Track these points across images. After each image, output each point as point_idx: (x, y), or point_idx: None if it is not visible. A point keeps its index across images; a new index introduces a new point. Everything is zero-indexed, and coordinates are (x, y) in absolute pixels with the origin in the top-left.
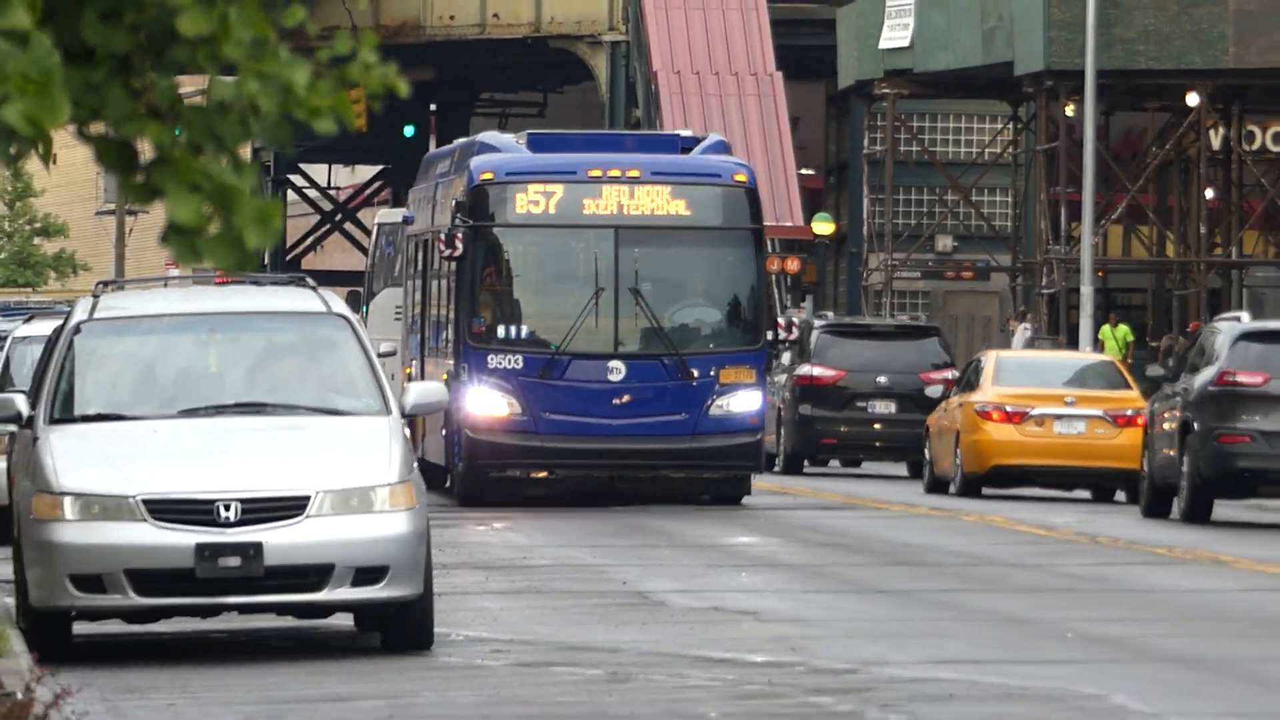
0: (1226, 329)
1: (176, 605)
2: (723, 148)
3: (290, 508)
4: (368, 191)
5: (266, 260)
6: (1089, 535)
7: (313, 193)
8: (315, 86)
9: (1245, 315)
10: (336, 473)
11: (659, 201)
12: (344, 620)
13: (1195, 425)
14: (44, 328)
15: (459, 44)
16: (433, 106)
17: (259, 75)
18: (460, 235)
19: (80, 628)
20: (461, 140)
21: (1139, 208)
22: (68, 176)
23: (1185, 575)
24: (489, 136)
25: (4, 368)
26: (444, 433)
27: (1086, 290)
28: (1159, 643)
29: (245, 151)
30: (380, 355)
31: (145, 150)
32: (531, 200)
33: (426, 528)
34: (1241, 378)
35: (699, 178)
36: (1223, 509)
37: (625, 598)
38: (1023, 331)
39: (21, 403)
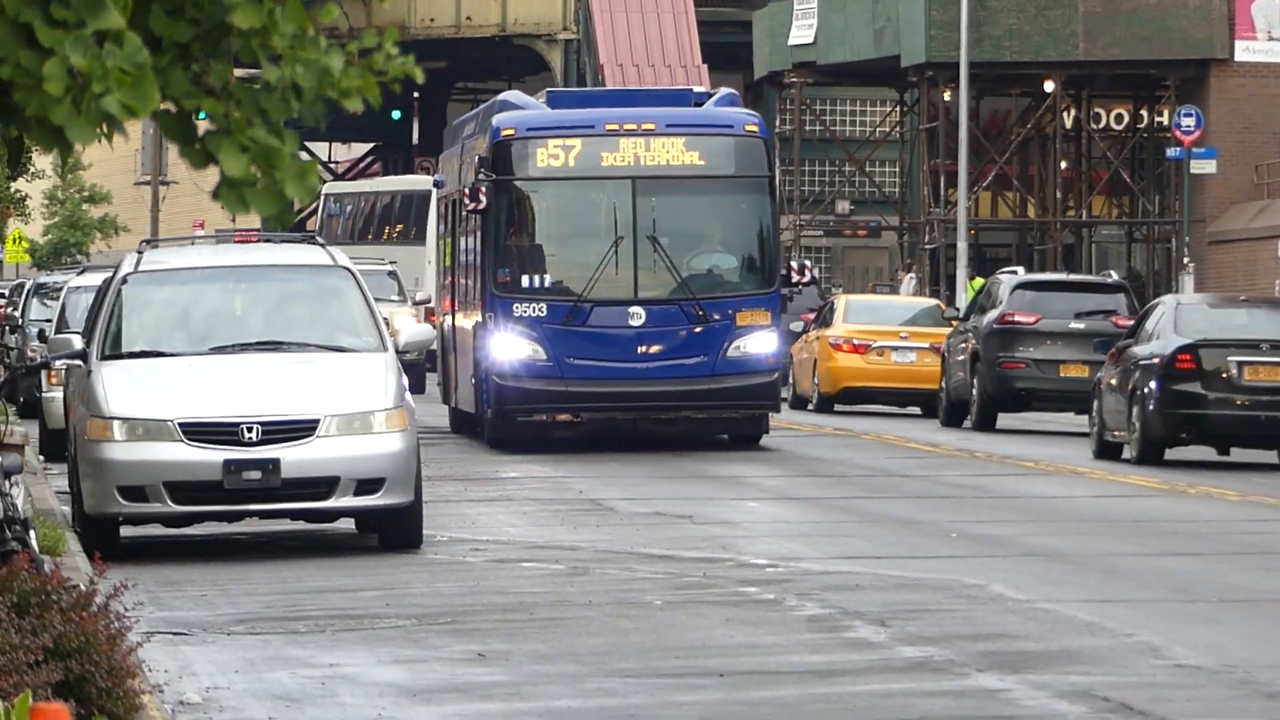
0: (1007, 280)
1: (207, 512)
2: (733, 100)
3: (303, 429)
4: (361, 165)
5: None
6: (967, 450)
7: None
8: (347, 71)
9: (1021, 269)
10: (341, 399)
11: (674, 152)
12: (347, 524)
13: (983, 354)
14: (94, 279)
15: (438, 42)
16: (416, 94)
17: (301, 61)
18: (484, 189)
19: (126, 531)
20: (486, 103)
21: (1005, 176)
22: (110, 152)
23: (1050, 484)
24: (511, 95)
25: (61, 313)
26: (473, 381)
27: (961, 246)
28: (1029, 540)
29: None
30: (417, 303)
31: (201, 125)
32: (551, 154)
33: (417, 446)
34: (1019, 317)
35: (712, 128)
36: (1004, 420)
37: (582, 504)
38: (908, 281)
39: (78, 342)
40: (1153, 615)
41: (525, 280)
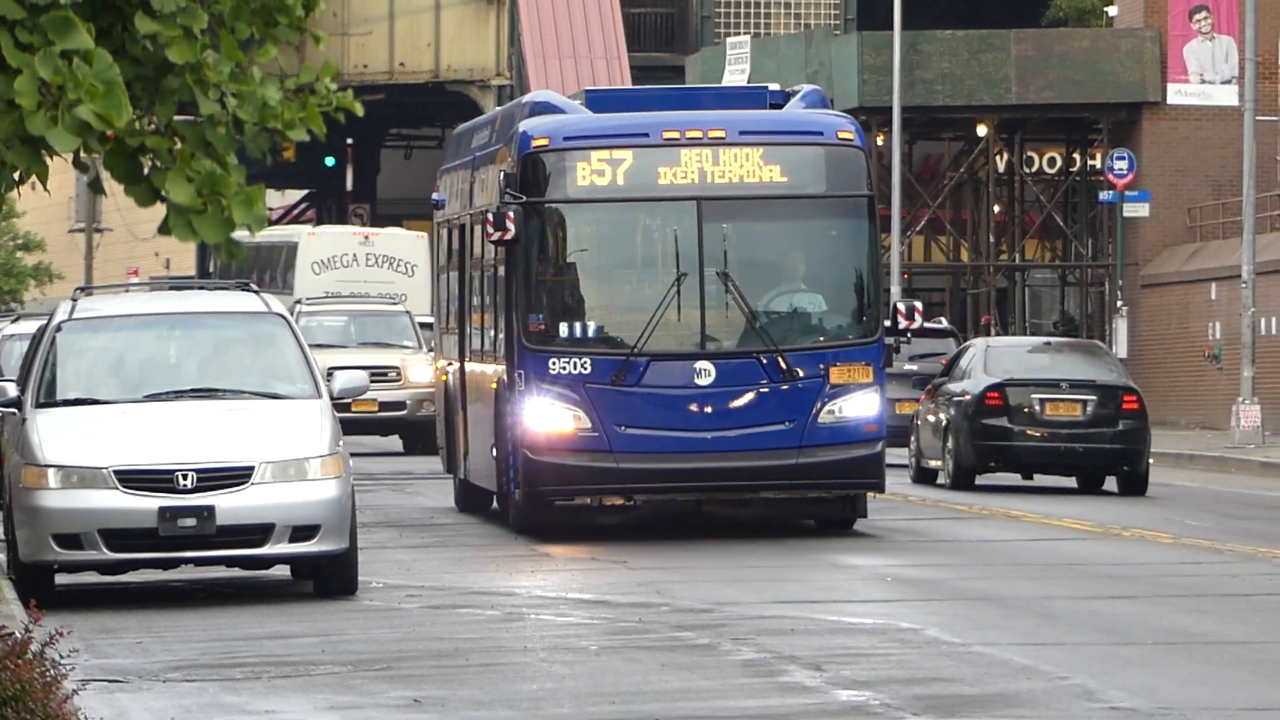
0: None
1: (142, 559)
2: (820, 100)
3: (238, 476)
4: (295, 211)
5: (212, 268)
6: (901, 495)
7: None
8: (285, 103)
9: (944, 319)
10: (276, 447)
11: (749, 166)
12: (283, 570)
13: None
14: (29, 327)
15: (372, 88)
16: (349, 140)
17: (238, 94)
18: (511, 214)
19: (61, 579)
20: (506, 105)
21: (938, 220)
22: (44, 200)
23: (985, 528)
24: (543, 95)
25: (27, 357)
26: (494, 453)
27: (895, 290)
28: (964, 584)
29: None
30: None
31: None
32: (595, 170)
33: (352, 492)
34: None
35: (797, 136)
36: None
37: (515, 549)
38: None
39: (12, 389)
40: (1087, 658)
41: (564, 329)
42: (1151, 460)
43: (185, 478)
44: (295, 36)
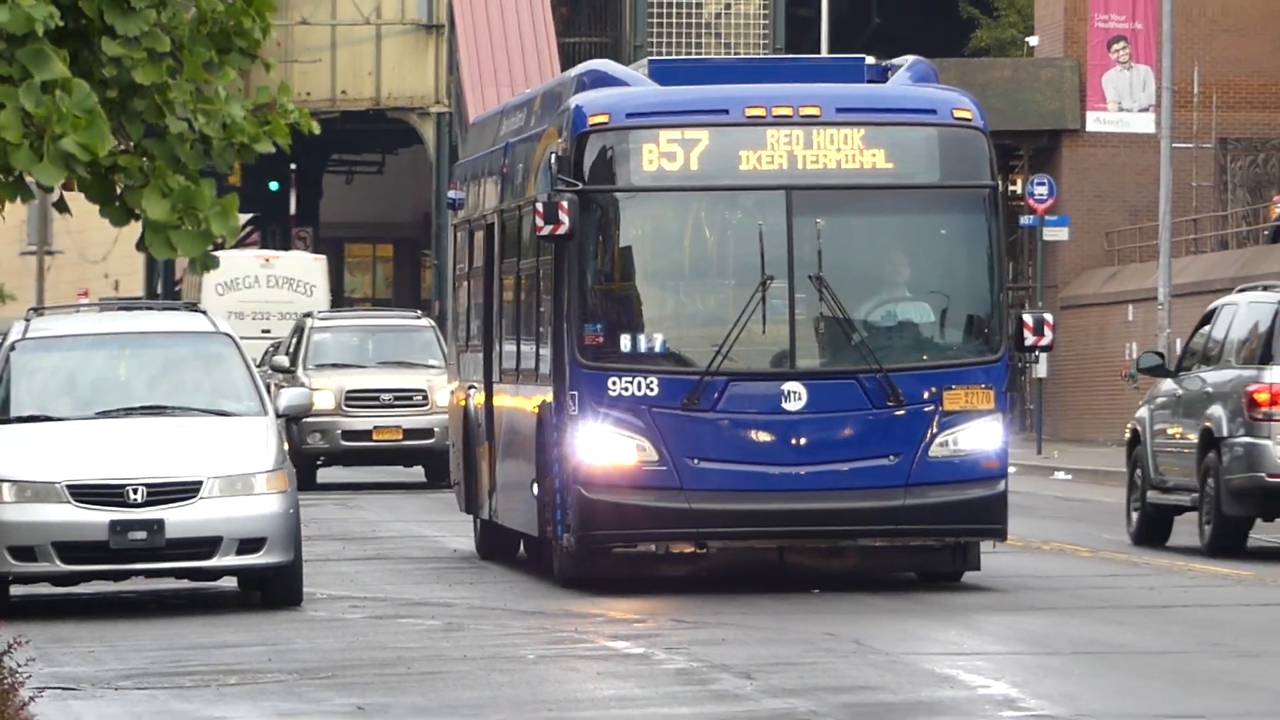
0: None
1: (94, 571)
2: (929, 73)
3: (186, 491)
4: (240, 235)
5: (160, 289)
6: None
7: None
8: (249, 119)
9: None
10: (224, 462)
11: (849, 151)
12: (230, 582)
13: None
14: None
15: (313, 115)
16: (293, 166)
17: (203, 112)
18: (564, 204)
19: (16, 590)
20: (549, 81)
21: None
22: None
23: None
24: (602, 65)
25: None
26: (535, 489)
27: None
28: (890, 595)
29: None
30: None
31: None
32: (664, 153)
33: (297, 506)
34: None
35: (905, 114)
36: None
37: (456, 562)
38: None
39: None
40: (1008, 667)
41: (626, 342)
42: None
43: (135, 492)
44: (248, 62)
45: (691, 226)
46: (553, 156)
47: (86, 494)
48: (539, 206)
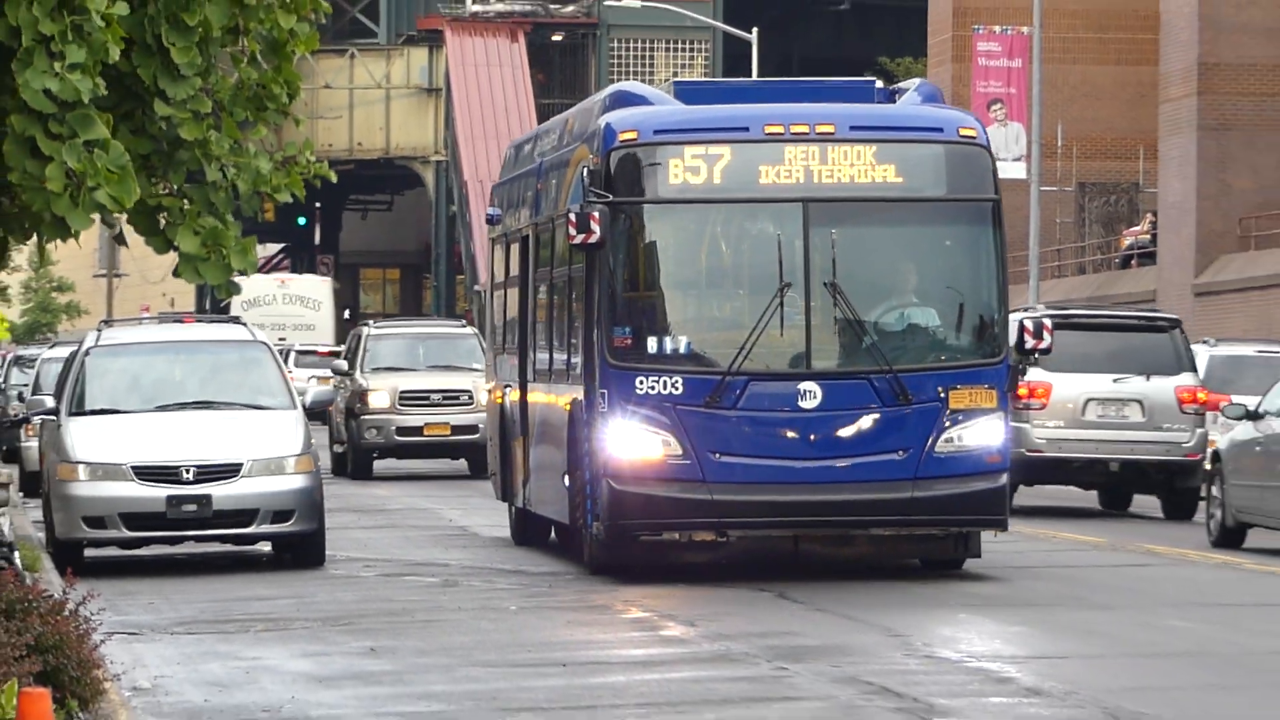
0: None
1: (153, 537)
2: (936, 95)
3: (229, 471)
4: (274, 261)
5: (208, 306)
6: None
7: None
8: (274, 172)
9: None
10: (260, 447)
11: (861, 166)
12: (265, 546)
13: None
14: (63, 352)
15: (335, 162)
16: (317, 204)
17: (237, 165)
18: (595, 215)
19: (89, 553)
20: (579, 104)
21: None
22: (74, 251)
23: None
24: (626, 85)
25: (36, 379)
26: (566, 480)
27: None
28: (813, 554)
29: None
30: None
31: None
32: (689, 167)
33: (320, 484)
34: None
35: (915, 132)
36: None
37: (452, 530)
38: None
39: (50, 402)
40: (907, 616)
41: (652, 344)
42: None
43: (188, 472)
44: (280, 119)
45: (714, 236)
46: (585, 171)
47: (147, 473)
48: (572, 217)
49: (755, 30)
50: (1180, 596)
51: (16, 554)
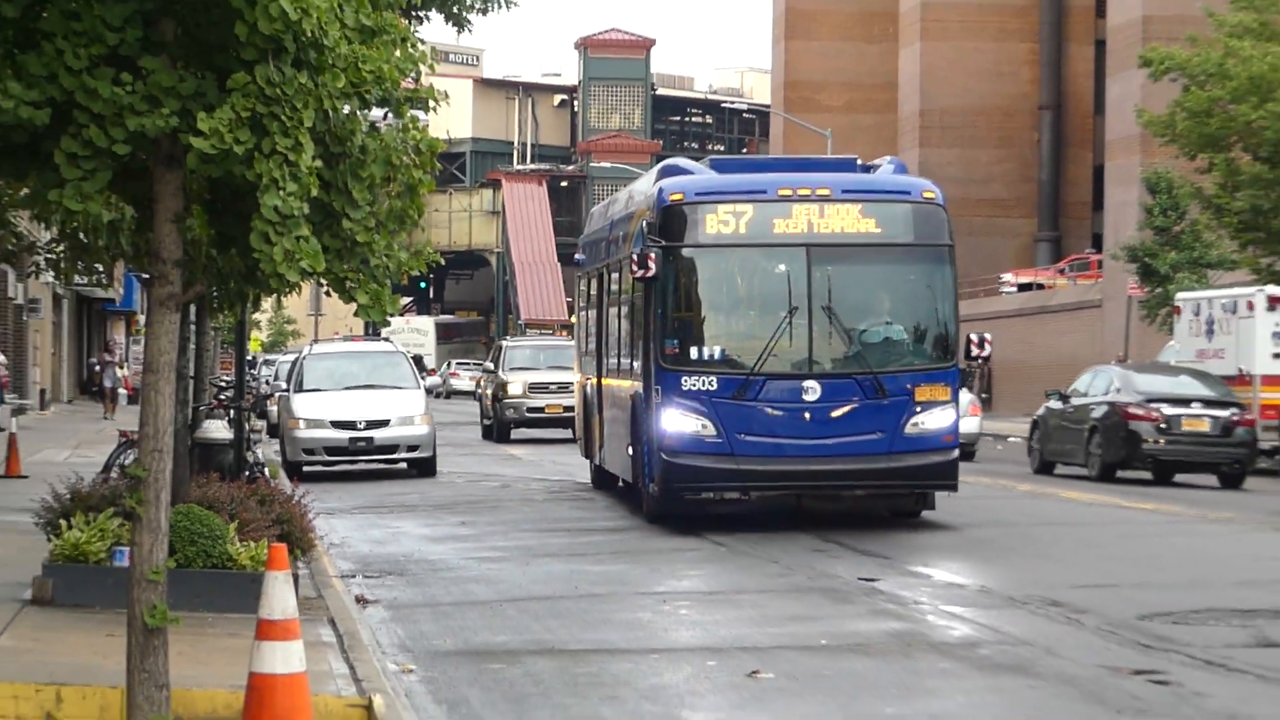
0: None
1: (341, 460)
2: (903, 168)
3: (383, 422)
4: (403, 307)
5: (369, 331)
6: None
7: None
8: (410, 258)
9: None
10: (400, 409)
11: (849, 219)
12: (403, 465)
13: None
14: (290, 357)
15: (442, 252)
16: (430, 274)
17: (388, 255)
18: (652, 255)
19: (306, 470)
20: (637, 180)
21: None
22: (295, 300)
23: None
24: (676, 161)
25: (275, 371)
26: (629, 452)
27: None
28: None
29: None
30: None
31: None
32: (722, 220)
33: (434, 430)
34: None
35: (889, 195)
36: None
37: (506, 458)
38: None
39: (284, 385)
40: (882, 544)
41: (694, 352)
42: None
43: (360, 423)
44: (414, 227)
45: (740, 271)
46: (644, 224)
47: (338, 424)
48: (634, 258)
49: None
50: (1060, 517)
51: (266, 469)
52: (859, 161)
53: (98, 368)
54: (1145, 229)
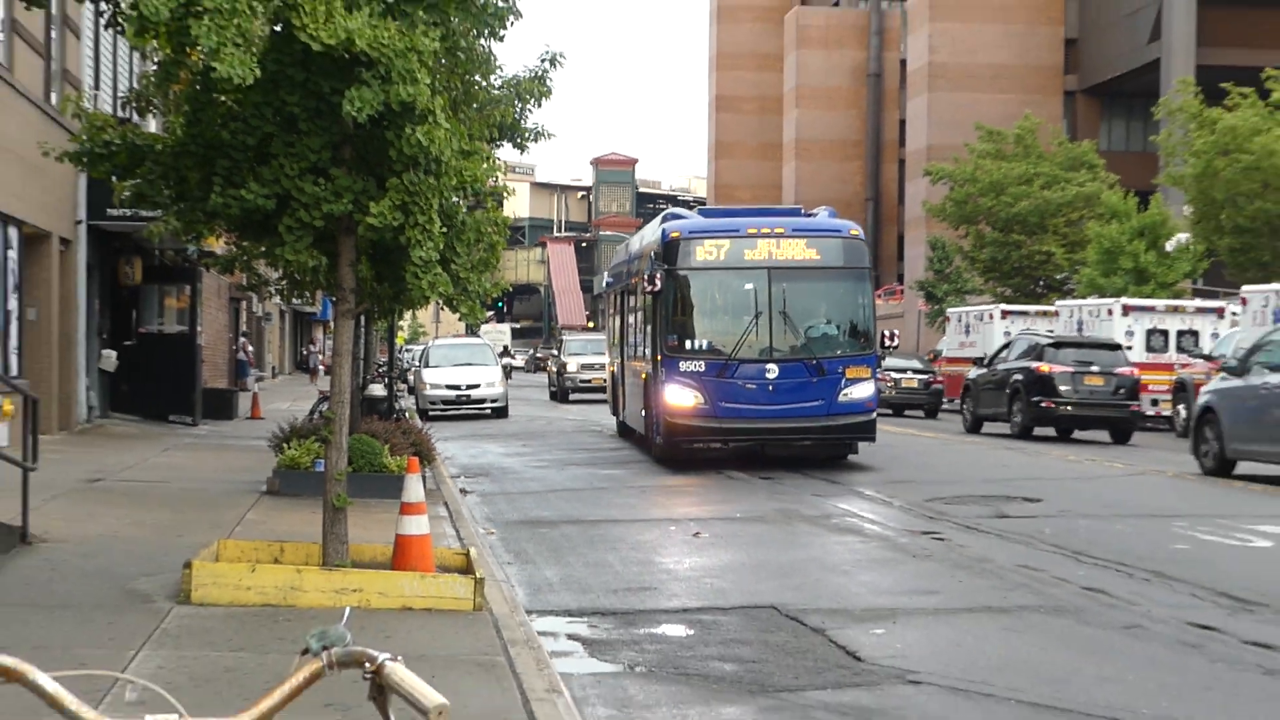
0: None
1: (452, 409)
2: (834, 212)
3: (476, 385)
4: (489, 317)
5: (468, 330)
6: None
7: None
8: (491, 287)
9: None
10: (487, 377)
11: (798, 250)
12: (486, 412)
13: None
14: (418, 348)
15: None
16: (505, 297)
17: (478, 284)
18: (659, 276)
19: (432, 413)
20: (646, 226)
21: None
22: (425, 313)
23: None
24: (675, 210)
25: (414, 356)
26: (643, 413)
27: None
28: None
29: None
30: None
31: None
32: (707, 250)
33: (508, 391)
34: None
35: (826, 232)
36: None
37: (553, 408)
38: None
39: (418, 362)
40: (823, 476)
41: (688, 344)
42: None
43: (463, 386)
44: (494, 269)
45: (720, 287)
46: (653, 253)
47: (450, 386)
48: (646, 278)
49: None
50: (975, 459)
51: (406, 413)
52: (803, 210)
53: (305, 353)
54: (929, 271)
